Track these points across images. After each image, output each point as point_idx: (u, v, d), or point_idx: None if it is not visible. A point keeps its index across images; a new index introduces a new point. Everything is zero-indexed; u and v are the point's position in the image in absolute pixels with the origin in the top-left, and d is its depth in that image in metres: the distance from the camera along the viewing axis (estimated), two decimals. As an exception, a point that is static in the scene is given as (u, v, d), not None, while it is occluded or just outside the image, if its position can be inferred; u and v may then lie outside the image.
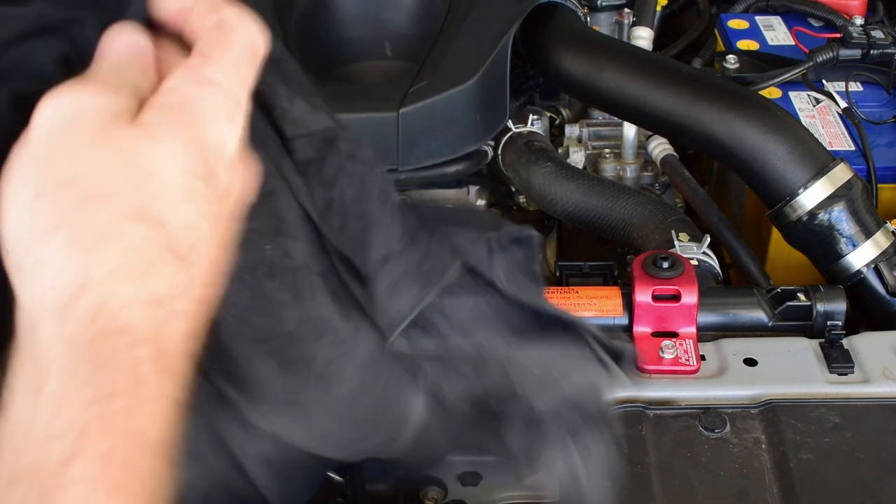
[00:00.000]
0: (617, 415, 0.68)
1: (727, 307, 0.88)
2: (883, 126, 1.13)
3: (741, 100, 0.97)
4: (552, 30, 1.14)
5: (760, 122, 0.95)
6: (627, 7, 1.30)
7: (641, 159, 1.21)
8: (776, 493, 0.72)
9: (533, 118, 1.21)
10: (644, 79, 1.03)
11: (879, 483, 0.73)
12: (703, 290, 0.85)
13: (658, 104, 1.01)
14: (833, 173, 0.92)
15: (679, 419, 0.79)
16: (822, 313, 0.87)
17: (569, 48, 1.11)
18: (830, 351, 0.84)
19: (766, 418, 0.78)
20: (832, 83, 1.19)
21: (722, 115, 0.96)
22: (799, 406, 0.79)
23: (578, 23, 1.18)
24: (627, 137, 1.19)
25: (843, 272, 0.93)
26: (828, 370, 0.82)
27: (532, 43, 1.16)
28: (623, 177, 1.21)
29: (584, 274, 1.00)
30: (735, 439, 0.77)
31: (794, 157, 0.93)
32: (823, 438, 0.76)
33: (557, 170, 1.11)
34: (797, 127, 0.96)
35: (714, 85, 1.00)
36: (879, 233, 0.93)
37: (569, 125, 1.28)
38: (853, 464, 0.74)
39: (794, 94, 1.18)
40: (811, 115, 1.15)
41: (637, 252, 0.98)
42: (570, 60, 1.10)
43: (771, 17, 1.35)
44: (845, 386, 0.81)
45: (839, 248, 0.92)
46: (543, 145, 1.18)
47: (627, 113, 1.08)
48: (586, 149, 1.24)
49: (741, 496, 0.72)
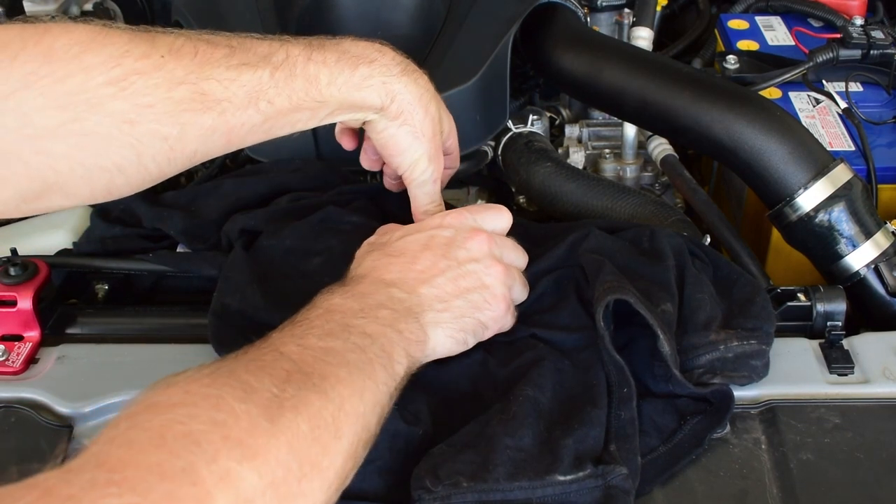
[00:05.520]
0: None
1: (727, 307, 0.88)
2: (883, 126, 1.13)
3: (741, 100, 0.97)
4: (552, 30, 1.14)
5: (760, 122, 0.95)
6: (627, 7, 1.30)
7: (641, 159, 1.21)
8: (776, 493, 0.72)
9: (533, 118, 1.21)
10: (644, 79, 1.03)
11: (879, 483, 0.73)
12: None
13: (658, 104, 1.01)
14: (833, 174, 0.92)
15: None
16: (822, 314, 0.87)
17: (569, 48, 1.11)
18: (830, 351, 0.84)
19: (766, 419, 0.78)
20: (832, 83, 1.19)
21: (722, 115, 0.96)
22: (799, 406, 0.79)
23: (578, 23, 1.18)
24: (627, 137, 1.19)
25: (843, 272, 0.93)
26: (828, 371, 0.83)
27: (532, 43, 1.16)
28: (623, 177, 1.21)
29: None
30: (735, 440, 0.77)
31: (794, 158, 0.93)
32: (823, 439, 0.76)
33: (557, 170, 1.11)
34: (797, 127, 0.96)
35: (714, 85, 1.00)
36: (879, 233, 0.93)
37: (569, 125, 1.28)
38: (853, 464, 0.74)
39: (794, 95, 1.18)
40: (811, 116, 1.15)
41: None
42: (570, 60, 1.10)
43: (771, 17, 1.36)
44: (845, 386, 0.81)
45: (839, 248, 0.92)
46: (543, 145, 1.18)
47: (627, 113, 1.08)
48: (586, 149, 1.24)
49: (741, 496, 0.72)
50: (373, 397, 0.67)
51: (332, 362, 0.65)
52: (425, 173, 0.87)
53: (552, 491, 0.68)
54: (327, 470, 0.61)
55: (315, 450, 0.60)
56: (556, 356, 0.79)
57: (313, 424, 0.60)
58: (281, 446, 0.57)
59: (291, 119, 0.78)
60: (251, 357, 0.64)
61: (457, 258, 0.79)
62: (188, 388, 0.58)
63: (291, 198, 0.98)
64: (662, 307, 0.79)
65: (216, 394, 0.58)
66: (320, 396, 0.62)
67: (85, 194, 0.73)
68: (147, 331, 0.92)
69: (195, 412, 0.56)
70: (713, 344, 0.79)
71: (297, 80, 0.76)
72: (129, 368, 0.85)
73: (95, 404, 0.81)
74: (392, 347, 0.71)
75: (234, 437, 0.56)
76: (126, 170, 0.72)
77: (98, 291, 0.99)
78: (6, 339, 0.88)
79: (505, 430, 0.71)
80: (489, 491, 0.68)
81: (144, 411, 0.56)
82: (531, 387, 0.75)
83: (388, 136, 0.85)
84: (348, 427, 0.63)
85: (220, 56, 0.73)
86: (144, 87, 0.70)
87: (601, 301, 0.76)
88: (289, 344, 0.66)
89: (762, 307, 0.83)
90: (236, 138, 0.75)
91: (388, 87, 0.81)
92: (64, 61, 0.68)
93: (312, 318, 0.70)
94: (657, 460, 0.75)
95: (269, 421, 0.58)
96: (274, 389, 0.60)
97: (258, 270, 0.89)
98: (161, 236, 1.02)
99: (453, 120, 0.92)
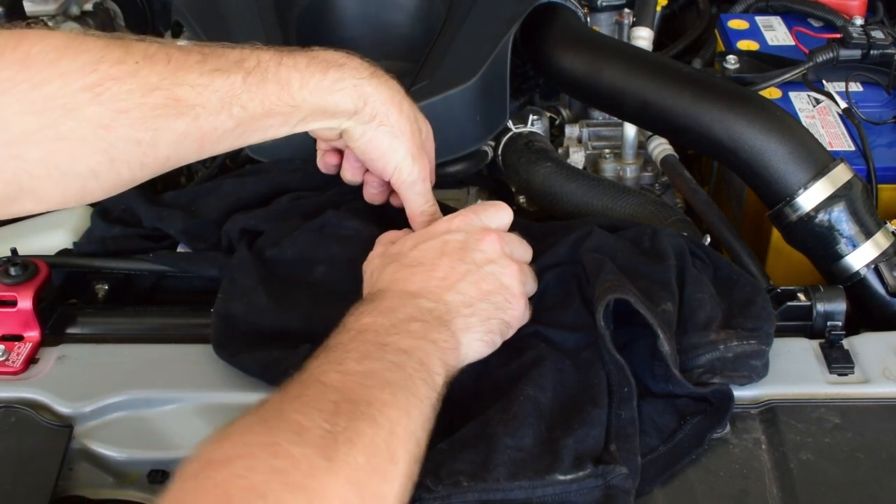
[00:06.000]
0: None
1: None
2: (883, 126, 1.13)
3: (741, 100, 0.97)
4: (552, 30, 1.14)
5: (760, 122, 0.95)
6: (627, 7, 1.30)
7: (641, 159, 1.21)
8: (776, 493, 0.72)
9: (533, 118, 1.21)
10: (644, 79, 1.03)
11: (879, 483, 0.73)
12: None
13: (658, 104, 1.01)
14: (833, 174, 0.92)
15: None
16: (822, 313, 0.87)
17: (569, 48, 1.11)
18: (830, 351, 0.84)
19: (766, 419, 0.78)
20: (832, 83, 1.19)
21: (722, 115, 0.96)
22: (799, 406, 0.79)
23: (578, 23, 1.18)
24: (627, 137, 1.19)
25: (843, 272, 0.93)
26: (828, 370, 0.83)
27: (532, 43, 1.16)
28: (623, 177, 1.21)
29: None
30: (735, 440, 0.77)
31: (794, 158, 0.93)
32: (823, 439, 0.76)
33: (558, 170, 1.11)
34: (797, 127, 0.95)
35: (714, 85, 1.00)
36: (879, 233, 0.93)
37: (569, 125, 1.28)
38: (853, 464, 0.74)
39: (794, 95, 1.18)
40: (811, 116, 1.15)
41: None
42: (570, 60, 1.10)
43: (771, 17, 1.36)
44: (845, 386, 0.81)
45: (839, 248, 0.92)
46: (543, 145, 1.18)
47: (627, 113, 1.08)
48: (586, 149, 1.24)
49: (741, 496, 0.72)
50: (419, 413, 0.68)
51: (375, 385, 0.66)
52: (412, 173, 0.87)
53: (552, 491, 0.69)
54: (388, 496, 0.62)
55: (375, 480, 0.61)
56: (557, 356, 0.79)
57: (369, 454, 0.61)
58: (341, 483, 0.58)
59: (264, 125, 0.78)
60: (296, 394, 0.64)
61: (474, 261, 0.80)
62: (244, 438, 0.59)
63: (292, 197, 0.98)
64: (663, 307, 0.79)
65: (271, 441, 0.59)
66: (371, 424, 0.63)
67: (57, 199, 0.73)
68: (147, 331, 0.92)
69: (254, 464, 0.57)
70: (713, 344, 0.79)
71: (269, 85, 0.76)
72: (129, 368, 0.85)
73: (95, 404, 0.81)
74: (429, 359, 0.71)
75: (296, 482, 0.57)
76: (100, 175, 0.72)
77: (98, 291, 0.99)
78: (6, 339, 0.88)
79: (505, 430, 0.71)
80: (489, 490, 0.68)
81: (205, 468, 0.57)
82: (532, 386, 0.75)
83: (366, 141, 0.85)
84: (402, 449, 0.64)
85: (193, 62, 0.74)
86: (119, 93, 0.70)
87: (601, 300, 0.76)
88: (329, 373, 0.67)
89: (762, 307, 0.83)
90: (208, 143, 0.76)
91: (359, 90, 0.82)
92: (41, 67, 0.68)
93: (346, 341, 0.71)
94: (657, 460, 0.75)
95: (326, 459, 0.59)
96: (325, 425, 0.61)
97: (264, 275, 0.89)
98: (161, 236, 1.02)
99: (431, 128, 0.92)
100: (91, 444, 0.79)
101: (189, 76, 0.73)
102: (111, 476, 0.80)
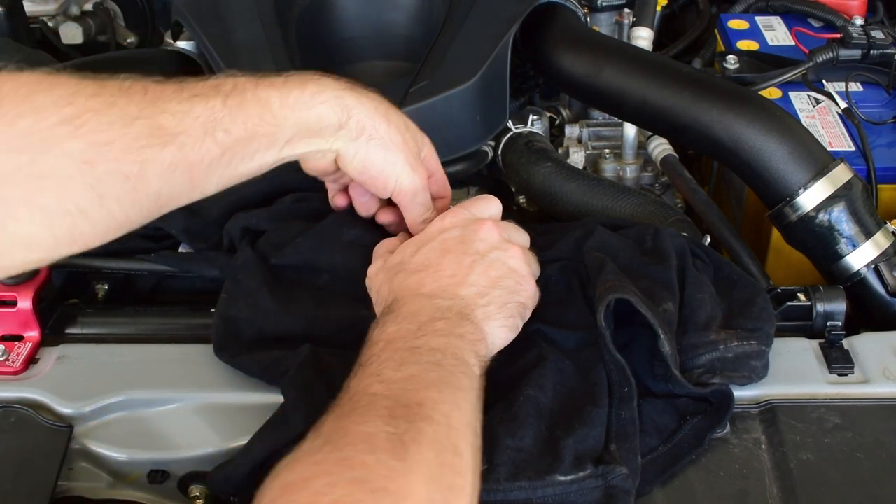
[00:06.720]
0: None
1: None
2: (883, 126, 1.13)
3: (741, 100, 0.97)
4: (552, 30, 1.14)
5: (760, 122, 0.95)
6: (627, 7, 1.30)
7: (641, 159, 1.21)
8: (776, 493, 0.72)
9: (533, 118, 1.21)
10: (644, 79, 1.03)
11: (879, 483, 0.73)
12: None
13: (658, 104, 1.01)
14: (833, 174, 0.92)
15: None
16: (822, 313, 0.88)
17: (569, 48, 1.11)
18: (830, 351, 0.84)
19: (766, 419, 0.78)
20: (832, 83, 1.19)
21: (722, 115, 0.96)
22: (799, 406, 0.79)
23: (578, 23, 1.18)
24: (627, 137, 1.19)
25: (843, 272, 0.93)
26: (828, 370, 0.83)
27: (532, 43, 1.16)
28: (623, 177, 1.21)
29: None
30: (735, 440, 0.77)
31: (794, 158, 0.93)
32: (823, 439, 0.76)
33: (558, 170, 1.11)
34: (797, 127, 0.96)
35: (714, 85, 1.00)
36: (879, 233, 0.93)
37: (569, 125, 1.28)
38: (853, 464, 0.74)
39: (794, 95, 1.18)
40: (811, 116, 1.15)
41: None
42: (570, 60, 1.10)
43: (771, 17, 1.36)
44: (845, 386, 0.81)
45: (839, 248, 0.92)
46: (543, 145, 1.18)
47: (627, 113, 1.08)
48: (586, 149, 1.24)
49: (741, 496, 0.72)
50: (469, 405, 0.68)
51: (420, 387, 0.66)
52: (413, 182, 0.85)
53: (552, 491, 0.69)
54: (464, 488, 0.62)
55: (447, 474, 0.61)
56: (558, 356, 0.80)
57: (436, 450, 0.62)
58: (420, 481, 0.59)
59: (250, 149, 0.76)
60: (347, 410, 0.64)
61: (477, 251, 0.80)
62: (313, 458, 0.59)
63: (294, 198, 0.98)
64: (664, 307, 0.79)
65: (342, 455, 0.59)
66: (429, 422, 0.63)
67: (49, 243, 0.68)
68: (147, 331, 0.92)
69: (332, 479, 0.57)
70: (713, 344, 0.79)
71: (249, 106, 0.75)
72: (129, 368, 0.85)
73: (95, 404, 0.81)
74: (462, 353, 0.72)
75: (379, 487, 0.57)
76: (89, 213, 0.68)
77: (98, 291, 0.99)
78: (6, 339, 0.88)
79: (506, 430, 0.71)
80: (490, 491, 0.68)
81: (284, 493, 0.57)
82: (532, 387, 0.75)
83: (361, 160, 0.83)
84: (463, 442, 0.65)
85: (170, 91, 0.72)
86: (99, 125, 0.67)
87: (602, 300, 0.77)
88: (372, 385, 0.67)
89: (762, 308, 0.83)
90: (198, 175, 0.73)
91: (341, 102, 0.80)
92: (14, 103, 0.66)
93: (378, 353, 0.71)
94: (657, 460, 0.75)
95: (399, 460, 0.59)
96: (388, 428, 0.61)
97: (268, 276, 0.89)
98: (162, 236, 1.02)
99: (429, 140, 0.90)
100: (91, 444, 0.80)
101: (168, 104, 0.71)
102: (111, 476, 0.80)
